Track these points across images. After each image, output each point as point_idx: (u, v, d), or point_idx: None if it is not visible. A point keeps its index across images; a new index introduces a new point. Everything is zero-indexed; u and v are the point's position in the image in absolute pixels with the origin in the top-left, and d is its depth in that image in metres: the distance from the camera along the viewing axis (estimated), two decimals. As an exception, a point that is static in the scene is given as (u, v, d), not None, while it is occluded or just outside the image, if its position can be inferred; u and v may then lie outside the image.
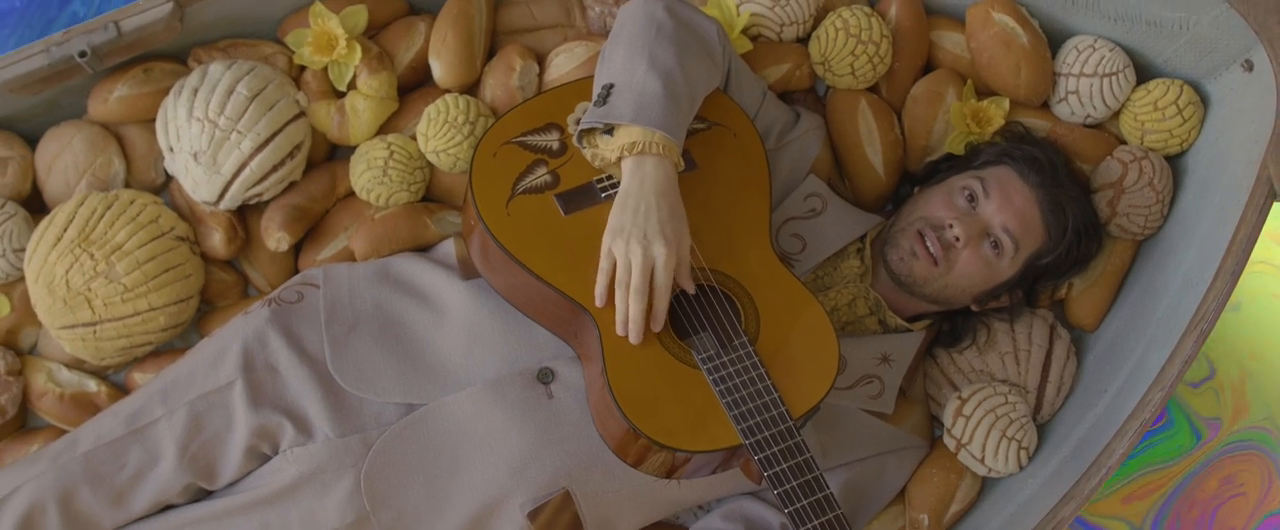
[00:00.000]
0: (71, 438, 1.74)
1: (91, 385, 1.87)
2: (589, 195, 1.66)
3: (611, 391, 1.54)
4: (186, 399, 1.72)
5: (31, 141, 1.92)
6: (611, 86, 1.64)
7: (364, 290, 1.79)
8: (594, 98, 1.67)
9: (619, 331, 1.58)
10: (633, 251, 1.57)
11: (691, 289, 1.60)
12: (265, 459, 1.73)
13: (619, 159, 1.62)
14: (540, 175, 1.67)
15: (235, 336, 1.75)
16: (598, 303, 1.60)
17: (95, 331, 1.81)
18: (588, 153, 1.67)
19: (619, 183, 1.63)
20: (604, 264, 1.59)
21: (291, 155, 1.85)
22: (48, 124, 1.92)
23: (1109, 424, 1.74)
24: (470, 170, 1.66)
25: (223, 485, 1.74)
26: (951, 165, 1.90)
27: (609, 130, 1.64)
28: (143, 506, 1.72)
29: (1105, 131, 1.98)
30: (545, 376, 1.69)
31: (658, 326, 1.58)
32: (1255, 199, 1.68)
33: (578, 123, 1.70)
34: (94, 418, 1.78)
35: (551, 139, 1.70)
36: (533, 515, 1.69)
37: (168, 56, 1.88)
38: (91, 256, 1.79)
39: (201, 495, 1.76)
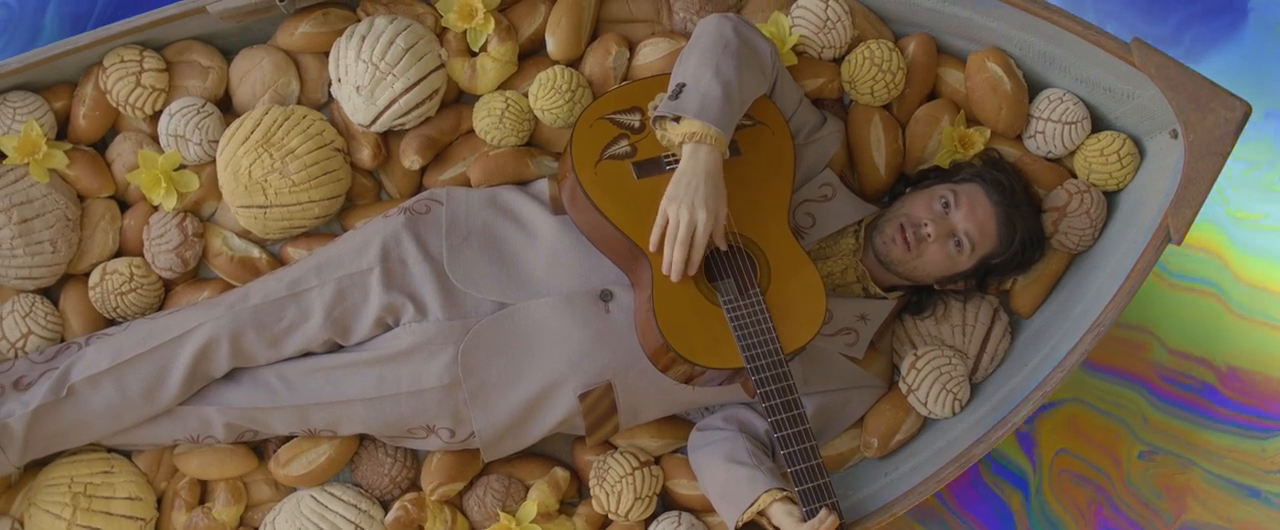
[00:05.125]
0: (243, 292, 2.17)
1: (255, 252, 2.31)
2: (657, 166, 2.10)
3: (654, 315, 1.98)
4: (335, 275, 2.14)
5: (227, 56, 2.32)
6: (683, 86, 2.03)
7: (476, 211, 2.20)
8: (669, 92, 2.05)
9: (663, 271, 2.01)
10: (682, 214, 1.98)
11: (723, 247, 2.03)
12: (388, 328, 2.15)
13: (681, 143, 2.02)
14: (622, 146, 2.12)
15: (377, 233, 2.17)
16: (651, 248, 2.02)
17: (265, 213, 2.26)
18: (659, 134, 2.08)
19: (680, 160, 2.03)
20: (660, 220, 2.00)
21: (431, 97, 2.26)
22: (241, 44, 2.31)
23: (1021, 391, 2.18)
24: (572, 135, 2.10)
25: (353, 343, 2.17)
26: (937, 175, 2.24)
27: (677, 119, 2.03)
28: (291, 351, 2.16)
29: (1061, 166, 2.32)
30: (606, 296, 2.12)
31: (692, 271, 2.00)
32: (1155, 240, 2.09)
33: (655, 109, 2.10)
34: (260, 279, 2.20)
35: (634, 119, 2.15)
36: (582, 397, 2.13)
37: (343, 5, 2.29)
38: (270, 156, 2.23)
39: (335, 348, 2.18)
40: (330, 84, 2.32)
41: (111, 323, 2.32)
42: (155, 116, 2.31)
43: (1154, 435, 2.53)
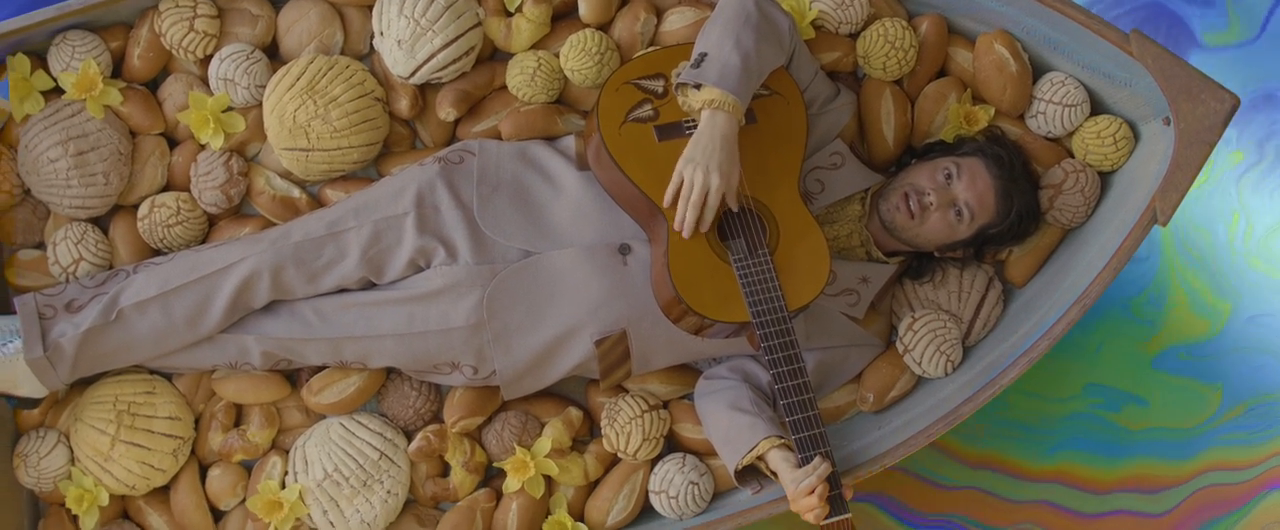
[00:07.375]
0: (285, 229, 2.27)
1: (295, 192, 2.42)
2: (677, 130, 2.22)
3: (668, 269, 2.10)
4: (372, 218, 2.24)
5: (276, 6, 2.42)
6: (705, 55, 2.13)
7: (506, 163, 2.31)
8: (691, 60, 2.15)
9: (676, 228, 2.12)
10: (696, 176, 2.09)
11: (735, 208, 2.14)
12: (420, 270, 2.25)
13: (700, 109, 2.12)
14: (646, 110, 2.23)
15: (412, 180, 2.28)
16: (665, 204, 2.13)
17: (307, 156, 2.37)
18: (681, 100, 2.19)
19: (698, 125, 2.14)
20: (675, 180, 2.11)
21: (468, 53, 2.37)
22: (290, -6, 2.42)
23: (1009, 356, 2.29)
24: (599, 97, 2.21)
25: (386, 282, 2.27)
26: (942, 148, 2.34)
27: (698, 86, 2.13)
28: (327, 287, 2.26)
29: (1060, 145, 2.41)
30: (624, 250, 2.22)
31: (704, 229, 2.11)
32: (1143, 220, 2.20)
33: (678, 76, 2.20)
34: (301, 218, 2.30)
35: (658, 85, 2.26)
36: (598, 343, 2.24)
37: (388, -38, 2.39)
38: (314, 102, 2.34)
39: (369, 286, 2.28)
40: (372, 36, 2.42)
41: (158, 253, 2.42)
42: (206, 60, 2.41)
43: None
